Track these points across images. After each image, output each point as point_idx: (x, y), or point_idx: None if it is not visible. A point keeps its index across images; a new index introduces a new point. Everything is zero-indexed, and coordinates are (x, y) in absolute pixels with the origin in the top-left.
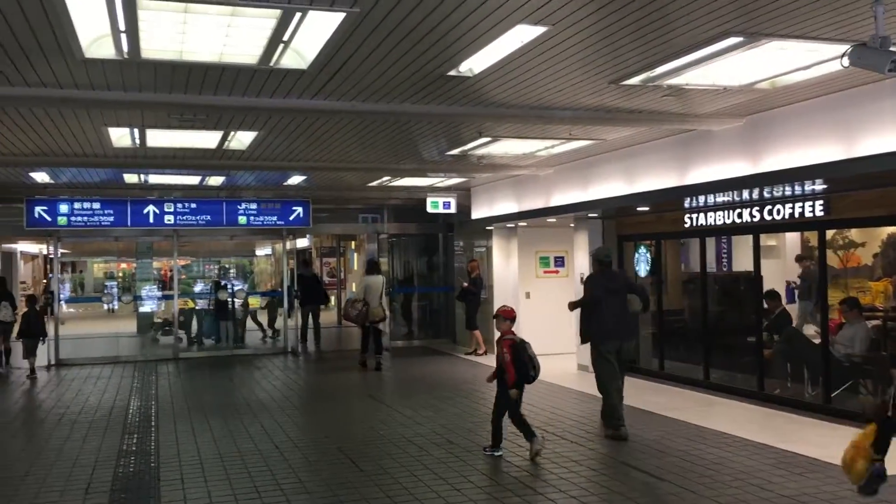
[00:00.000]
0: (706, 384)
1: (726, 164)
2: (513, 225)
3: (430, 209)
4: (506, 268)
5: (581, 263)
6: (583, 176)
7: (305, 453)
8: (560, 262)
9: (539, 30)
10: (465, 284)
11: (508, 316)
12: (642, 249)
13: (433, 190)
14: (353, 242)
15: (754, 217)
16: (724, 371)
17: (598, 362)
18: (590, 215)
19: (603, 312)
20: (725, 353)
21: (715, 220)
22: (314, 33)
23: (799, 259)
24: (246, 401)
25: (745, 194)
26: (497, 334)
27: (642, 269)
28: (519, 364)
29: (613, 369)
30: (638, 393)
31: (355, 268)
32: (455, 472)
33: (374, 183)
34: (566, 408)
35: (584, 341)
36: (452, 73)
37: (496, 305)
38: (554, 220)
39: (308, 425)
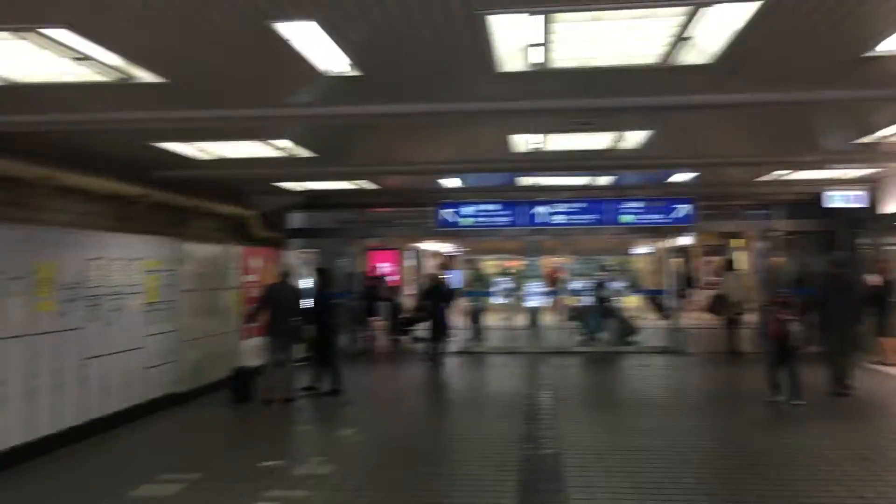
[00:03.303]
0: None
1: None
2: None
3: (828, 204)
4: None
5: None
6: None
7: (702, 454)
8: None
9: None
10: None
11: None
12: None
13: (832, 183)
14: (731, 240)
15: None
16: None
17: (830, 344)
18: None
19: (829, 308)
20: None
21: None
22: (720, 27)
23: None
24: (634, 396)
25: None
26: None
27: None
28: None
29: (837, 348)
30: None
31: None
32: (872, 490)
33: (763, 178)
34: None
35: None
36: (868, 54)
37: None
38: None
39: (702, 426)
